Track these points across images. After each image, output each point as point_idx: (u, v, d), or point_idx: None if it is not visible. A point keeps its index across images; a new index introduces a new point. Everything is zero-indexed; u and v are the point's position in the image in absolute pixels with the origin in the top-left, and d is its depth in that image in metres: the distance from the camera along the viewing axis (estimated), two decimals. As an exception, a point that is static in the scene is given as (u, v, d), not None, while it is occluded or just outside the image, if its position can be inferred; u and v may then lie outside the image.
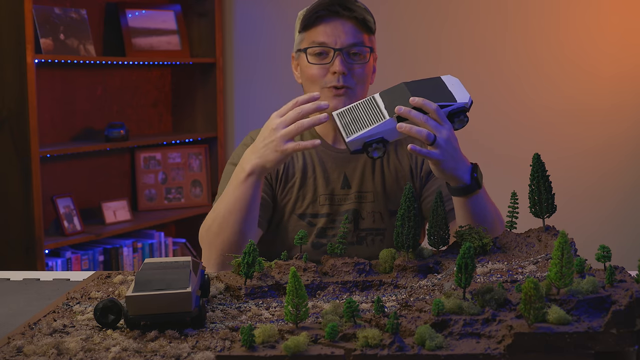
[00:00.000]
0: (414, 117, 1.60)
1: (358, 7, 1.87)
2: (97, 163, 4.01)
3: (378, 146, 1.62)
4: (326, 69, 1.86)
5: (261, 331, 1.10)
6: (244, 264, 1.35)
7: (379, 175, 1.95)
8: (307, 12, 1.88)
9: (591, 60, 3.69)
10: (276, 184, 1.94)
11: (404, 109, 1.60)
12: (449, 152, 1.61)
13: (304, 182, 1.94)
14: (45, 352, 1.09)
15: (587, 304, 1.11)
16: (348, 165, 1.95)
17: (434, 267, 1.43)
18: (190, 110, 4.35)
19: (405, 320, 1.12)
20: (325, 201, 1.93)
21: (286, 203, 1.94)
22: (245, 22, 4.31)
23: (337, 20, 1.86)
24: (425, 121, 1.60)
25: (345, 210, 1.92)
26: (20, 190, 3.36)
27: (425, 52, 3.92)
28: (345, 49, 1.85)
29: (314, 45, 1.87)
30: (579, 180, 3.70)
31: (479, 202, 1.70)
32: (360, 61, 1.88)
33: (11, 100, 3.33)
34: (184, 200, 4.26)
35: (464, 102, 1.65)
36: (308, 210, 1.93)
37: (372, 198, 1.94)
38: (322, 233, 1.92)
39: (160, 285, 1.17)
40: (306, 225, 1.92)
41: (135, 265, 3.89)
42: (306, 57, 1.89)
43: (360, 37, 1.88)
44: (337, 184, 1.94)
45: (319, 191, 1.93)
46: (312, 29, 1.88)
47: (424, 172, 1.96)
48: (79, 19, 3.75)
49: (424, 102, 1.61)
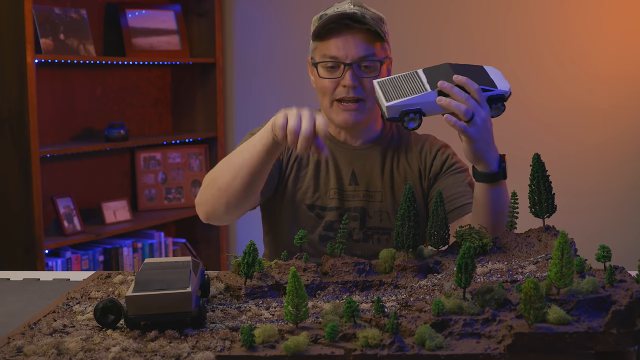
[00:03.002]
0: (455, 94, 1.61)
1: (370, 19, 1.86)
2: (97, 163, 4.01)
3: (415, 117, 1.63)
4: (337, 83, 1.88)
5: (261, 331, 1.10)
6: (244, 264, 1.35)
7: (387, 176, 1.96)
8: (320, 23, 1.87)
9: (591, 60, 3.69)
10: (286, 166, 1.96)
11: (446, 84, 1.62)
12: (483, 133, 1.63)
13: (317, 173, 1.96)
14: (45, 352, 1.09)
15: (587, 304, 1.11)
16: (357, 162, 1.97)
17: (434, 267, 1.43)
18: (190, 110, 4.35)
19: (405, 320, 1.12)
20: (335, 195, 1.95)
21: (297, 190, 1.96)
22: (245, 22, 4.31)
23: (348, 33, 1.86)
24: (466, 99, 1.61)
25: (353, 207, 1.94)
26: (20, 190, 3.36)
27: (425, 52, 3.92)
28: (355, 63, 1.86)
29: (325, 60, 1.88)
30: (579, 180, 3.70)
31: (500, 193, 1.72)
32: (372, 74, 1.88)
33: (11, 100, 3.33)
34: (184, 200, 4.26)
35: (504, 89, 1.67)
36: (317, 202, 1.95)
37: (380, 198, 1.95)
38: (329, 226, 1.94)
39: (160, 285, 1.17)
40: (314, 217, 1.95)
41: (135, 265, 3.89)
42: (317, 70, 1.90)
43: (372, 50, 1.87)
44: (346, 180, 1.96)
45: (329, 184, 1.95)
46: (324, 41, 1.89)
47: (432, 173, 1.97)
48: (79, 19, 3.75)
49: (467, 81, 1.63)
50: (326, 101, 1.91)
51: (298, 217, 1.95)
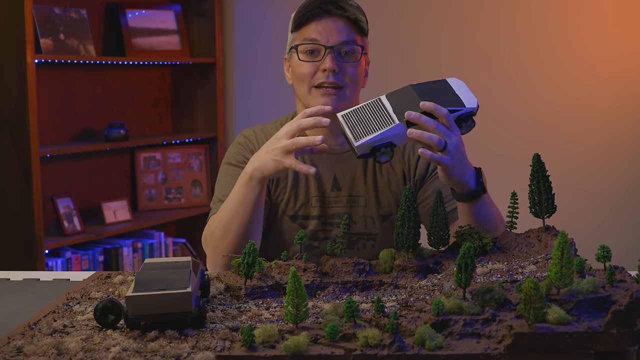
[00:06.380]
0: (424, 123, 1.57)
1: (351, 7, 1.86)
2: (97, 163, 4.01)
3: (386, 150, 1.59)
4: (316, 67, 1.84)
5: (261, 331, 1.10)
6: (244, 264, 1.35)
7: (370, 180, 1.93)
8: (300, 11, 1.87)
9: (591, 60, 3.69)
10: (270, 183, 1.93)
11: (414, 114, 1.57)
12: (457, 158, 1.59)
13: (296, 183, 1.92)
14: (45, 352, 1.09)
15: (587, 304, 1.11)
16: (338, 167, 1.93)
17: (434, 267, 1.43)
18: (190, 110, 4.35)
19: (405, 320, 1.12)
20: (317, 203, 1.91)
21: (279, 203, 1.93)
22: (245, 22, 4.31)
23: (329, 18, 1.85)
24: (436, 127, 1.57)
25: (337, 214, 1.90)
26: (20, 190, 3.36)
27: (426, 53, 3.92)
28: (336, 47, 1.84)
29: (305, 42, 1.86)
30: (579, 180, 3.70)
31: (483, 206, 1.69)
32: (352, 60, 1.86)
33: (11, 100, 3.33)
34: (184, 200, 4.26)
35: (472, 107, 1.63)
36: (300, 211, 1.92)
37: (364, 202, 1.92)
38: (313, 235, 1.90)
39: (160, 286, 1.17)
40: (297, 227, 1.91)
41: (135, 265, 3.89)
42: (297, 55, 1.87)
43: (353, 36, 1.86)
44: (328, 186, 1.92)
45: (310, 192, 1.92)
46: (304, 27, 1.87)
47: (417, 176, 1.94)
48: (79, 19, 3.75)
49: (435, 107, 1.58)
50: (304, 88, 1.86)
51: (282, 230, 1.92)
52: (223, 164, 1.95)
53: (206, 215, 1.92)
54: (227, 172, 1.92)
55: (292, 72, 1.93)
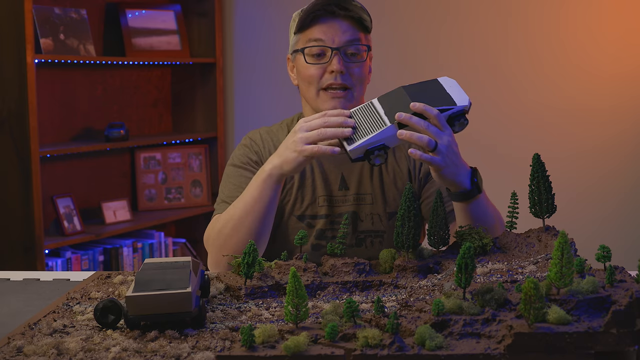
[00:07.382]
0: (415, 124, 1.58)
1: (354, 7, 1.86)
2: (97, 163, 4.01)
3: (380, 153, 1.60)
4: (323, 69, 1.85)
5: (261, 331, 1.10)
6: (244, 264, 1.35)
7: (377, 178, 1.94)
8: (303, 13, 1.87)
9: (591, 60, 3.69)
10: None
11: (404, 115, 1.58)
12: (450, 157, 1.60)
13: (303, 183, 1.93)
14: (45, 352, 1.09)
15: (587, 304, 1.11)
16: (345, 167, 1.94)
17: (434, 267, 1.43)
18: (190, 110, 4.35)
19: (405, 320, 1.12)
20: (324, 202, 1.92)
21: (285, 204, 1.93)
22: (245, 22, 4.31)
23: (333, 19, 1.85)
24: (427, 128, 1.58)
25: (344, 212, 1.91)
26: (20, 190, 3.36)
27: (425, 52, 3.92)
28: (342, 48, 1.85)
29: (311, 44, 1.86)
30: (579, 180, 3.70)
31: (479, 206, 1.69)
32: (358, 60, 1.87)
33: (11, 100, 3.33)
34: (184, 200, 4.26)
35: (463, 105, 1.63)
36: (307, 211, 1.92)
37: (371, 200, 1.93)
38: (321, 235, 1.91)
39: (160, 285, 1.17)
40: (305, 227, 1.92)
41: (135, 265, 3.89)
42: (303, 58, 1.88)
43: (357, 36, 1.87)
44: (335, 185, 1.93)
45: (317, 192, 1.93)
46: (309, 29, 1.87)
47: (422, 173, 1.95)
48: (79, 19, 3.75)
49: (424, 107, 1.59)
50: (312, 91, 1.87)
51: (289, 231, 1.92)
52: (228, 165, 1.96)
53: (206, 215, 1.92)
54: (231, 173, 1.92)
55: (298, 74, 1.93)
